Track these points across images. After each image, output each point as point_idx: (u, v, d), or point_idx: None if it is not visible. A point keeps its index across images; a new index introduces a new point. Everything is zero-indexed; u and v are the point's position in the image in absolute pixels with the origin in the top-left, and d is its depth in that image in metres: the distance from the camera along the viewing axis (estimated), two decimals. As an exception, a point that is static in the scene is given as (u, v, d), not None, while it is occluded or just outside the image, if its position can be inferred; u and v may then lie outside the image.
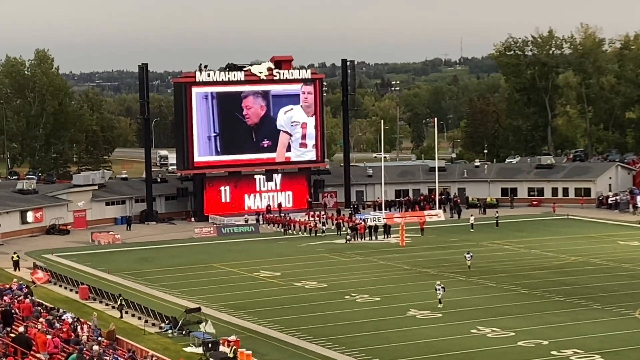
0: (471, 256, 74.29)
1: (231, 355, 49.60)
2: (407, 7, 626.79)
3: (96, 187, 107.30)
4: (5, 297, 55.65)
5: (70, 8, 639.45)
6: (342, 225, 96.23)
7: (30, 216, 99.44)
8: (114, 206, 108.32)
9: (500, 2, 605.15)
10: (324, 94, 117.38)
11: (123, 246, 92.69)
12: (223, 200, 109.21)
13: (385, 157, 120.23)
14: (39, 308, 54.90)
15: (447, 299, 63.49)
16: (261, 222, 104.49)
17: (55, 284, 71.81)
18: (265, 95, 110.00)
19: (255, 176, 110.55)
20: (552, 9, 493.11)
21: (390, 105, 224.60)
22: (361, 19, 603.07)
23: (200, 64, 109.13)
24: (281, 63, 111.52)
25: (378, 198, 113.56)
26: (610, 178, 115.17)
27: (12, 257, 78.02)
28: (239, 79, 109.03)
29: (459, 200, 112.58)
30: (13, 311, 51.16)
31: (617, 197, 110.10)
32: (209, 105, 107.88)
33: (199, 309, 58.50)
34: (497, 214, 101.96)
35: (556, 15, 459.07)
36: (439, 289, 61.45)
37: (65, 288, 70.56)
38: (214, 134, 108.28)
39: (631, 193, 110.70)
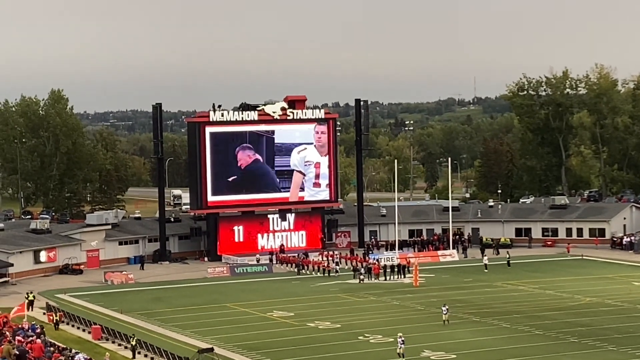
0: (447, 309, 69.31)
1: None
2: (421, 47, 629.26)
3: (109, 227, 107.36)
4: (17, 337, 55.57)
5: (85, 48, 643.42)
6: (357, 267, 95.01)
7: (43, 256, 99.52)
8: (127, 246, 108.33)
9: (513, 42, 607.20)
10: (338, 134, 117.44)
11: (136, 286, 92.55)
12: (236, 239, 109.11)
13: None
14: (51, 348, 54.76)
15: (461, 339, 63.20)
16: (274, 261, 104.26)
17: (67, 323, 71.66)
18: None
19: (269, 216, 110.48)
20: (566, 50, 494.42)
21: (403, 145, 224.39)
22: (375, 59, 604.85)
23: (214, 104, 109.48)
24: (295, 103, 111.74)
25: (372, 239, 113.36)
26: (624, 218, 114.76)
27: (27, 297, 77.71)
28: (252, 119, 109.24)
29: (465, 240, 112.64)
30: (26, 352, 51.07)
31: (632, 238, 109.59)
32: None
33: (211, 349, 58.28)
34: (508, 255, 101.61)
35: (570, 55, 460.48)
36: (400, 342, 58.66)
37: (78, 328, 70.42)
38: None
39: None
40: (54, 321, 70.57)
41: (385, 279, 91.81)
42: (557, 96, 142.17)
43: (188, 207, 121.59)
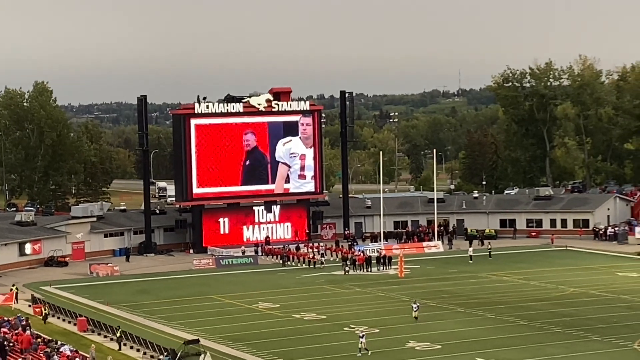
0: (418, 307, 67.69)
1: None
2: (406, 39, 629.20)
3: (95, 219, 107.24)
4: (3, 329, 55.65)
5: (70, 40, 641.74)
6: (347, 258, 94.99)
7: (28, 248, 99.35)
8: (113, 238, 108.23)
9: (498, 34, 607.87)
10: (323, 126, 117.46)
11: (121, 278, 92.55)
12: (222, 231, 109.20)
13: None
14: (38, 340, 54.86)
15: (446, 330, 63.52)
16: (260, 253, 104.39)
17: (53, 316, 71.64)
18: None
19: (254, 207, 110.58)
20: (550, 41, 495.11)
21: (388, 136, 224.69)
22: (359, 50, 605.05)
23: (199, 96, 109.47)
24: (280, 95, 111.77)
25: (346, 231, 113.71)
26: (608, 209, 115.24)
27: (11, 289, 77.66)
28: (237, 111, 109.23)
29: (450, 231, 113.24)
30: (10, 343, 51.15)
31: (616, 229, 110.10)
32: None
33: (197, 341, 58.37)
34: (489, 246, 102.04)
35: (554, 47, 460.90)
36: (361, 337, 58.49)
37: (64, 320, 70.42)
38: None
39: (629, 224, 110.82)
40: (43, 314, 70.48)
41: (370, 270, 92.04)
42: (541, 87, 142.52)
43: (173, 199, 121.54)
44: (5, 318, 61.04)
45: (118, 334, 61.42)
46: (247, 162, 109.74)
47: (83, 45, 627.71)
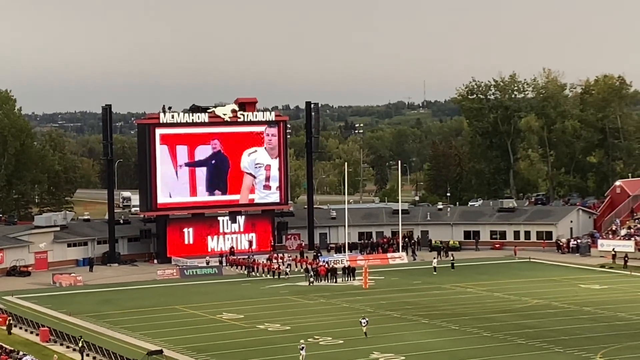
0: (367, 322, 66.13)
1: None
2: (371, 51, 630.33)
3: (58, 229, 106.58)
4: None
5: (33, 48, 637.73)
6: (310, 269, 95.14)
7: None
8: (76, 248, 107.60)
9: (463, 46, 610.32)
10: (288, 136, 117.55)
11: (85, 288, 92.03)
12: (186, 242, 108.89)
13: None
14: (-1, 350, 54.46)
15: (410, 341, 63.66)
16: (224, 264, 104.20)
17: (15, 326, 71.10)
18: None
19: (219, 218, 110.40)
20: (515, 54, 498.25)
21: (353, 147, 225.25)
22: (325, 61, 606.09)
23: (164, 106, 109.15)
24: (245, 105, 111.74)
25: (304, 243, 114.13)
26: (571, 222, 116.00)
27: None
28: (203, 121, 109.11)
29: (414, 242, 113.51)
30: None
31: (578, 241, 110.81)
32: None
33: (161, 352, 58.20)
34: (452, 257, 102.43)
35: (519, 59, 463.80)
36: (301, 349, 58.26)
37: (26, 330, 69.94)
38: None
39: (592, 237, 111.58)
40: (7, 324, 69.84)
41: (335, 281, 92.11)
42: (506, 100, 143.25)
43: (137, 209, 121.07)
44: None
45: (80, 345, 61.07)
46: (213, 162, 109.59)
47: (47, 54, 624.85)
